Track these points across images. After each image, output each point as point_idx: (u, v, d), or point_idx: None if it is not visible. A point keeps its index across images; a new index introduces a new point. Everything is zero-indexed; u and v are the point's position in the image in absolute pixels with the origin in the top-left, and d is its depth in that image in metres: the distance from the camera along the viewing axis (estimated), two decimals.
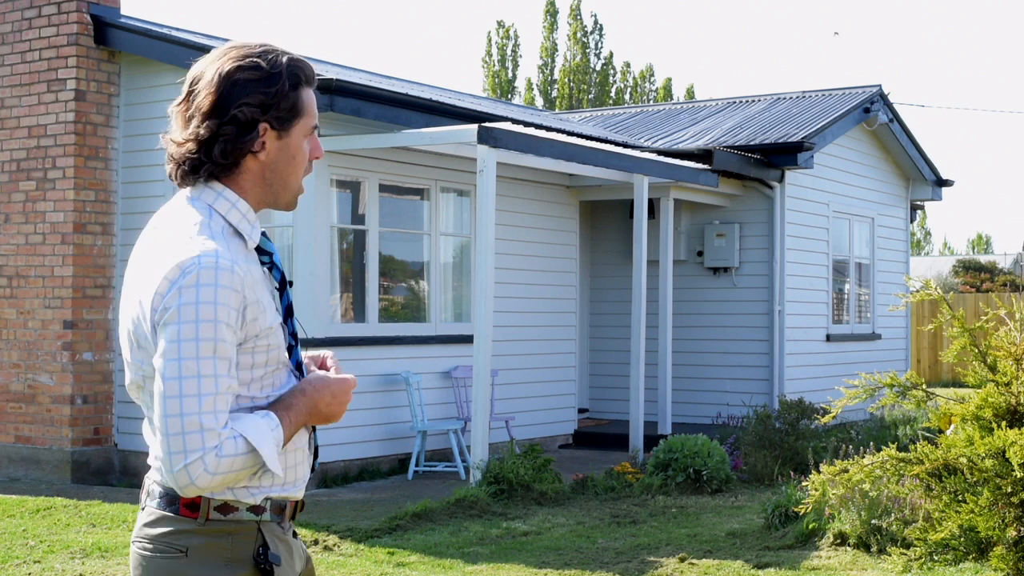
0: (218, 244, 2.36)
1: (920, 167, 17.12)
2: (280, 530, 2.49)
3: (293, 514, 2.56)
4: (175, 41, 11.17)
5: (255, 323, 2.37)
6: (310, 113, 2.51)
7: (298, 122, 2.49)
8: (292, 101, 2.47)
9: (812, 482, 4.95)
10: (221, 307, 2.30)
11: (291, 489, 2.50)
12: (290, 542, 2.54)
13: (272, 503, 2.46)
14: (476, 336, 10.36)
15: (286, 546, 2.50)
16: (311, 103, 2.52)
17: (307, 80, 2.52)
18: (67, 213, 11.10)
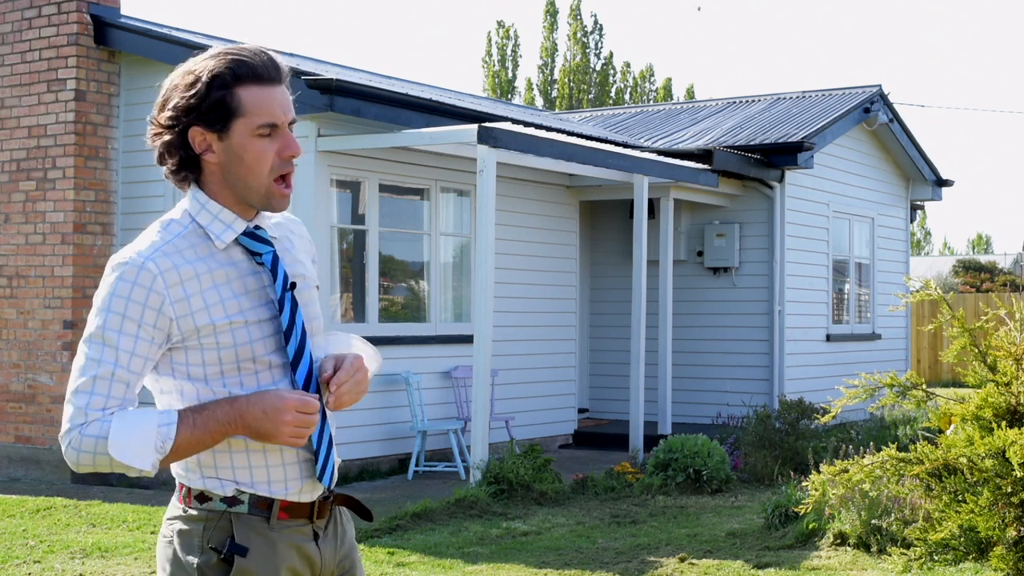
0: (155, 245, 2.48)
1: (920, 167, 17.12)
2: (264, 525, 2.52)
3: (310, 516, 2.59)
4: (175, 41, 11.17)
5: (185, 320, 2.45)
6: (253, 112, 2.49)
7: (236, 122, 2.49)
8: (215, 101, 2.48)
9: (812, 482, 4.95)
10: (120, 300, 2.43)
11: (267, 489, 2.53)
12: (284, 539, 2.55)
13: (252, 498, 2.52)
14: (476, 336, 10.36)
15: (267, 541, 2.52)
16: (257, 101, 2.49)
17: (247, 78, 2.49)
18: (67, 213, 11.11)
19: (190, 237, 2.52)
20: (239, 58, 2.50)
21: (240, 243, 2.56)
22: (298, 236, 2.72)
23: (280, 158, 2.53)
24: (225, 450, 2.52)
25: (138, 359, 2.45)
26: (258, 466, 2.53)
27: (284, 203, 2.57)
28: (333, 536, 2.68)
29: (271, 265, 2.56)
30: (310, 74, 10.42)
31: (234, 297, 2.51)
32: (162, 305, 2.44)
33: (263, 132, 2.50)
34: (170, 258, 2.47)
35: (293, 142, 2.54)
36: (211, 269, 2.50)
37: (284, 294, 2.55)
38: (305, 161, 10.65)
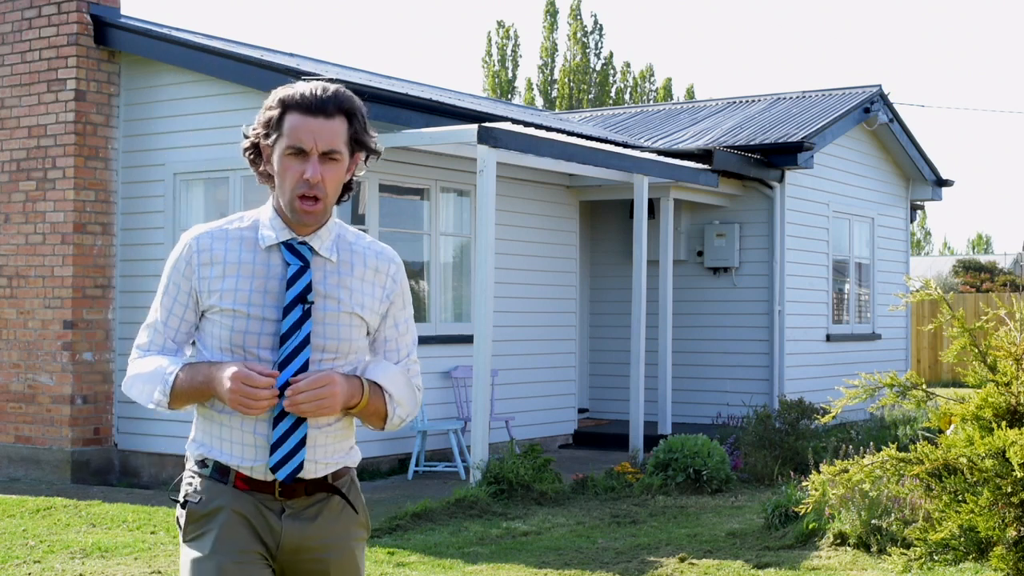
0: (213, 228, 2.96)
1: (920, 167, 17.12)
2: (223, 487, 2.91)
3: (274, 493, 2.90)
4: (175, 41, 11.17)
5: (204, 295, 2.91)
6: (288, 135, 2.86)
7: (279, 140, 2.89)
8: (268, 119, 2.91)
9: (812, 482, 4.95)
10: (168, 267, 2.97)
11: (228, 458, 2.90)
12: (242, 498, 2.89)
13: (215, 464, 2.93)
14: (476, 336, 10.36)
15: (223, 495, 2.90)
16: (293, 127, 2.86)
17: (294, 106, 2.87)
18: (67, 213, 11.11)
19: (246, 231, 2.96)
20: (297, 89, 2.88)
21: (280, 251, 2.92)
22: (373, 270, 3.02)
23: (302, 180, 2.86)
24: (207, 417, 2.94)
25: (174, 317, 2.96)
26: (223, 438, 2.92)
27: (307, 217, 2.89)
28: (312, 520, 2.95)
29: (291, 276, 2.89)
30: (310, 74, 10.42)
31: (250, 291, 2.88)
32: (192, 276, 2.92)
33: (291, 152, 2.86)
34: (215, 241, 2.93)
35: (312, 168, 2.85)
36: (243, 262, 2.90)
37: (294, 304, 2.87)
38: None
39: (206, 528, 2.91)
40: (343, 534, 3.01)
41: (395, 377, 3.03)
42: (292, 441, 2.87)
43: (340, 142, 2.87)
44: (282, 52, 13.44)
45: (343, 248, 2.99)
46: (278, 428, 2.87)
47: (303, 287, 2.88)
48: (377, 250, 3.05)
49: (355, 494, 3.08)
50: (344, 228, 3.05)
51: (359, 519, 3.08)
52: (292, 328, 2.86)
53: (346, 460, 3.04)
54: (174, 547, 7.92)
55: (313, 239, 2.93)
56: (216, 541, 2.88)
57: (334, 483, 3.00)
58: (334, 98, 2.86)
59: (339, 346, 2.92)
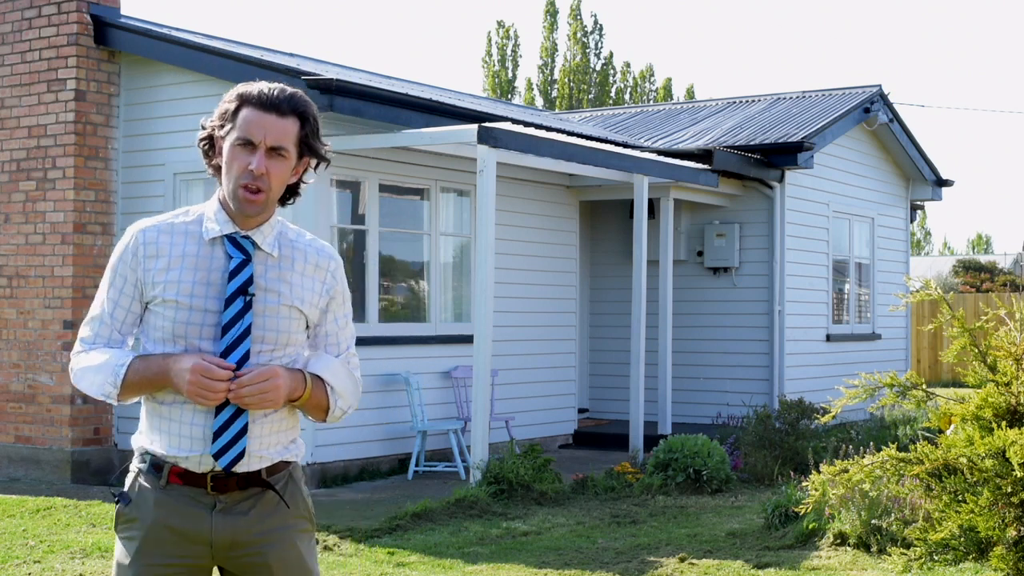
0: (159, 221, 3.05)
1: (920, 167, 17.12)
2: (156, 484, 2.99)
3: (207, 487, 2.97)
4: (175, 41, 11.17)
5: (148, 286, 2.99)
6: (240, 127, 2.97)
7: (231, 132, 2.99)
8: (224, 111, 3.01)
9: (812, 482, 4.95)
10: (114, 258, 3.05)
11: (166, 449, 2.97)
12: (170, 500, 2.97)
13: (152, 459, 3.02)
14: (476, 336, 10.36)
15: (152, 497, 2.98)
16: (246, 120, 2.97)
17: (249, 102, 2.98)
18: (67, 213, 11.11)
19: (191, 225, 3.04)
20: (256, 86, 3.00)
21: (223, 244, 3.00)
22: (313, 265, 3.10)
23: (246, 170, 2.95)
24: (150, 412, 3.02)
25: (120, 309, 3.03)
26: (162, 430, 3.00)
27: (248, 207, 2.98)
28: (245, 514, 3.01)
29: (232, 268, 2.98)
30: (310, 74, 10.42)
31: (193, 283, 2.97)
32: (137, 267, 3.00)
33: (240, 143, 2.96)
34: (160, 234, 3.02)
35: (258, 160, 2.95)
36: (186, 254, 2.99)
37: (235, 296, 2.96)
38: None
39: (133, 533, 3.01)
40: (280, 526, 3.05)
41: (337, 370, 3.11)
42: (233, 429, 2.95)
43: (289, 141, 2.98)
44: (282, 52, 13.44)
45: (284, 244, 3.08)
46: (219, 417, 2.94)
47: (245, 279, 2.97)
48: (317, 247, 3.14)
49: (293, 489, 3.10)
50: (286, 226, 3.13)
51: (300, 510, 3.12)
52: (233, 319, 2.95)
53: (287, 454, 3.09)
54: None
55: (256, 234, 3.02)
56: (138, 553, 2.98)
57: (270, 478, 3.04)
58: (289, 99, 2.98)
59: (278, 338, 3.01)
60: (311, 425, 10.56)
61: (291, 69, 10.59)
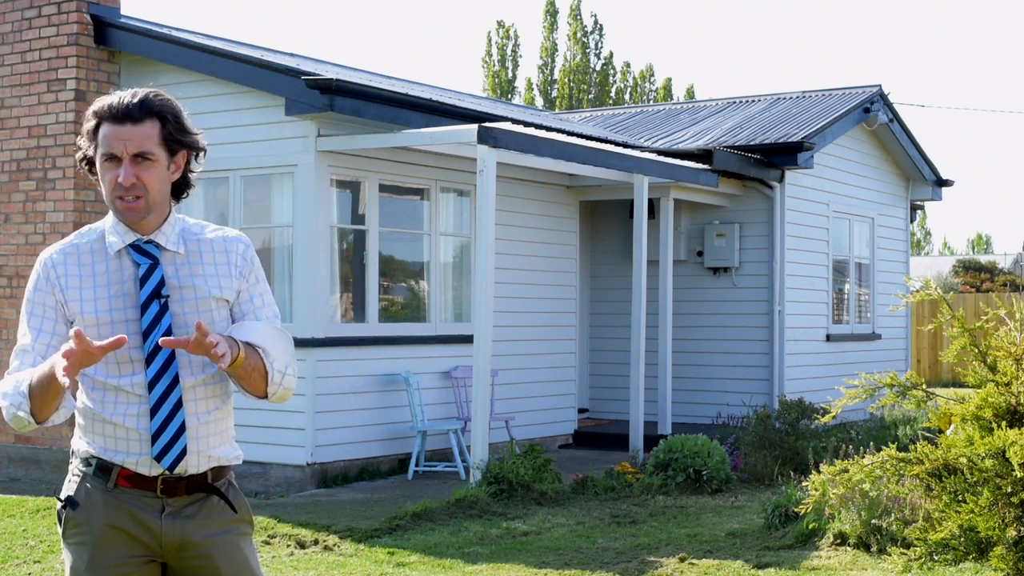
0: (63, 244, 3.07)
1: (920, 167, 17.12)
2: (103, 487, 3.01)
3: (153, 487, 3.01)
4: (175, 41, 11.17)
5: (68, 306, 3.01)
6: (102, 144, 3.01)
7: (98, 151, 3.03)
8: (87, 132, 3.05)
9: (812, 482, 4.95)
10: (30, 288, 3.07)
11: (112, 454, 3.00)
12: (119, 503, 2.99)
13: (98, 462, 3.03)
14: (476, 336, 10.36)
15: (100, 500, 3.00)
16: (105, 136, 3.00)
17: (105, 117, 3.02)
18: (67, 213, 11.11)
19: (94, 243, 3.08)
20: (108, 100, 3.03)
21: (128, 253, 3.04)
22: (222, 252, 3.12)
23: (116, 183, 3.00)
24: (89, 418, 3.05)
25: (44, 334, 3.03)
26: (106, 435, 3.03)
27: (129, 215, 3.02)
28: (192, 518, 3.05)
29: (142, 275, 3.02)
30: (310, 74, 10.42)
31: (109, 298, 3.01)
32: (53, 290, 3.03)
33: (106, 159, 3.01)
34: (67, 256, 3.06)
35: (124, 172, 2.98)
36: (96, 272, 3.03)
37: (149, 300, 2.99)
38: (305, 161, 10.65)
39: (82, 538, 3.03)
40: (223, 529, 3.10)
41: (261, 331, 3.09)
42: (172, 427, 2.99)
43: (152, 144, 3.00)
44: (282, 52, 13.44)
45: (190, 239, 3.11)
46: (155, 419, 2.98)
47: (156, 283, 3.01)
48: (224, 235, 3.17)
49: (234, 494, 3.17)
50: (187, 221, 3.16)
51: (241, 515, 3.16)
52: (152, 323, 2.99)
53: (230, 455, 3.15)
54: None
55: (158, 236, 3.06)
56: (92, 558, 3.00)
57: (214, 483, 3.10)
58: (141, 104, 3.00)
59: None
60: (311, 425, 10.56)
61: (291, 69, 10.59)
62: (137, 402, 3.01)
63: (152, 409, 2.99)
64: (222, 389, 3.13)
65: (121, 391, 3.01)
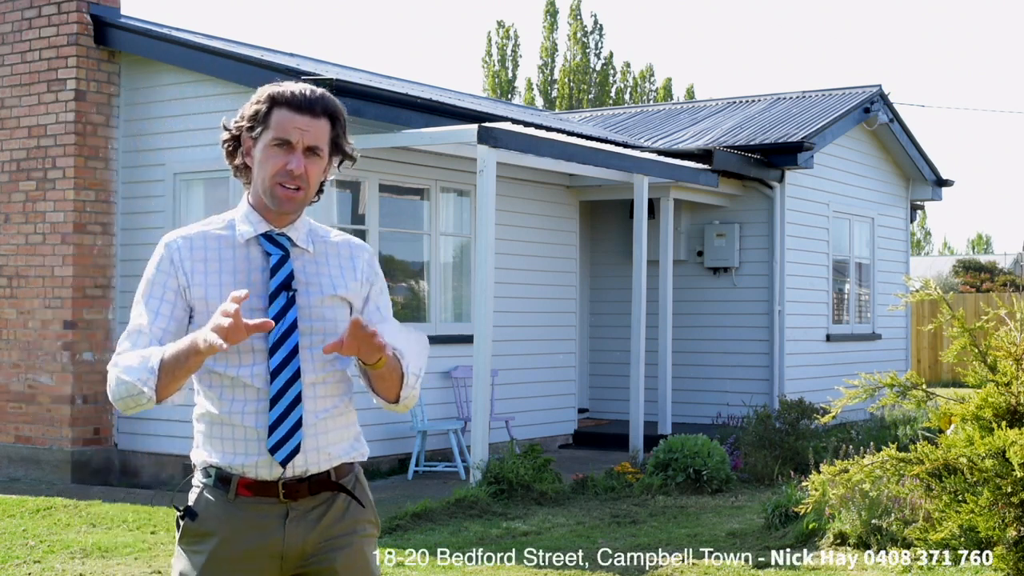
0: (189, 230, 3.03)
1: (920, 167, 17.12)
2: (224, 498, 2.94)
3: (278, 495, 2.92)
4: (175, 41, 11.17)
5: (189, 290, 2.96)
6: (275, 127, 2.97)
7: (265, 133, 2.99)
8: (255, 113, 3.01)
9: (812, 482, 4.95)
10: (150, 269, 3.01)
11: (231, 459, 2.93)
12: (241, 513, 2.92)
13: (217, 472, 2.96)
14: (476, 336, 10.36)
15: (222, 511, 2.93)
16: (280, 121, 2.97)
17: (282, 103, 2.99)
18: (67, 213, 11.11)
19: (222, 230, 3.03)
20: (286, 87, 3.00)
21: (259, 243, 3.00)
22: (348, 258, 3.11)
23: (284, 170, 2.96)
24: (207, 422, 2.97)
25: (162, 317, 2.95)
26: (223, 437, 2.95)
27: (286, 204, 2.98)
28: (317, 521, 2.97)
29: (273, 264, 2.97)
30: (310, 74, 10.42)
31: (234, 284, 2.95)
32: (176, 272, 2.96)
33: (276, 143, 2.97)
34: (194, 241, 3.00)
35: (296, 160, 2.96)
36: (223, 259, 2.98)
37: (278, 291, 2.95)
38: None
39: (200, 547, 2.96)
40: (348, 531, 3.02)
41: (402, 334, 3.07)
42: (288, 422, 2.92)
43: (324, 141, 3.00)
44: (282, 52, 13.44)
45: (317, 240, 3.10)
46: (273, 411, 2.92)
47: (286, 275, 2.97)
48: (349, 241, 3.16)
49: (361, 491, 3.10)
50: (313, 223, 3.16)
51: (367, 515, 3.09)
52: (278, 315, 2.93)
53: (352, 453, 3.10)
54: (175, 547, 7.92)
55: (290, 230, 3.04)
56: (205, 568, 2.94)
57: (338, 481, 3.03)
58: (321, 99, 3.00)
59: (325, 327, 2.99)
60: None
61: (291, 69, 10.59)
62: (255, 398, 2.93)
63: (271, 400, 2.92)
64: (342, 387, 3.10)
65: (239, 386, 2.93)
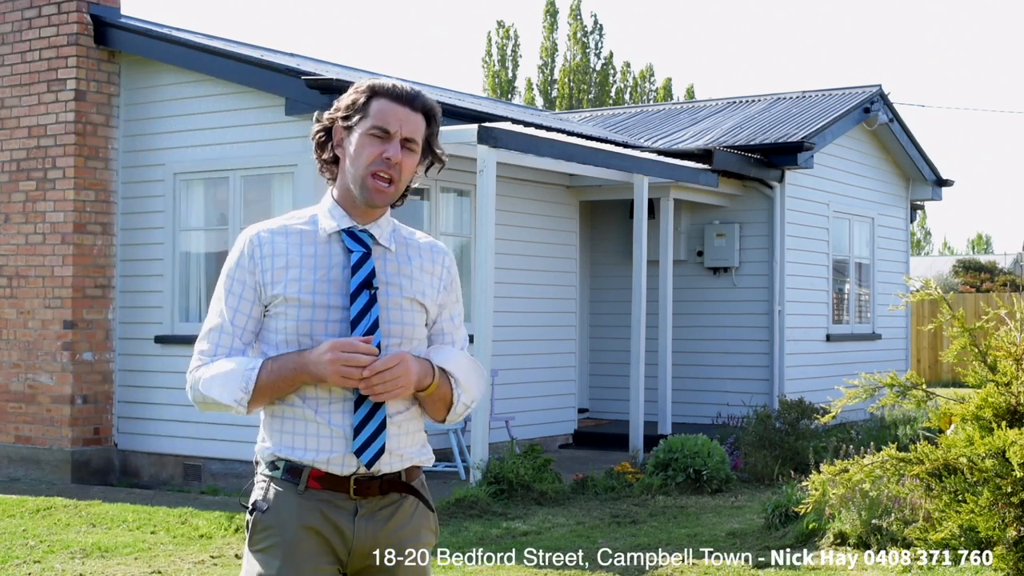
0: (271, 224, 3.02)
1: (920, 167, 17.12)
2: (294, 490, 2.90)
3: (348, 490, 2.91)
4: (175, 41, 11.17)
5: (268, 287, 2.92)
6: (373, 116, 2.95)
7: (361, 121, 2.96)
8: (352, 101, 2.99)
9: (812, 482, 4.95)
10: (230, 265, 2.98)
11: (302, 454, 2.89)
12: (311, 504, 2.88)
13: (286, 464, 2.91)
14: (476, 336, 10.36)
15: (292, 502, 2.89)
16: (379, 110, 2.95)
17: (382, 94, 2.97)
18: (67, 213, 11.11)
19: (304, 225, 3.00)
20: (385, 81, 3.00)
21: (341, 239, 2.96)
22: (429, 261, 3.07)
23: (382, 158, 2.92)
24: (277, 415, 2.93)
25: (241, 315, 2.95)
26: (296, 433, 2.91)
27: (377, 196, 2.95)
28: (386, 521, 2.97)
29: (355, 262, 2.94)
30: (310, 74, 10.42)
31: (315, 280, 2.92)
32: (255, 269, 2.94)
33: (375, 133, 2.93)
34: (275, 235, 2.97)
35: (394, 148, 2.93)
36: (304, 254, 2.94)
37: (360, 289, 2.91)
38: (305, 161, 10.64)
39: (273, 542, 2.90)
40: (413, 537, 3.03)
41: (460, 361, 3.05)
42: (373, 424, 2.90)
43: (420, 135, 2.97)
44: (282, 52, 13.44)
45: (399, 240, 3.05)
46: (359, 412, 2.89)
47: (368, 273, 2.94)
48: (431, 243, 3.13)
49: (427, 494, 3.12)
50: (398, 223, 3.12)
51: (430, 523, 3.10)
52: (360, 313, 2.90)
53: (420, 457, 3.09)
54: (174, 547, 7.92)
55: (373, 227, 3.00)
56: (283, 563, 2.88)
57: (408, 483, 3.03)
58: (420, 96, 2.99)
59: (403, 331, 2.97)
60: None
61: (291, 69, 10.58)
62: (328, 396, 2.90)
63: (356, 402, 2.90)
64: None
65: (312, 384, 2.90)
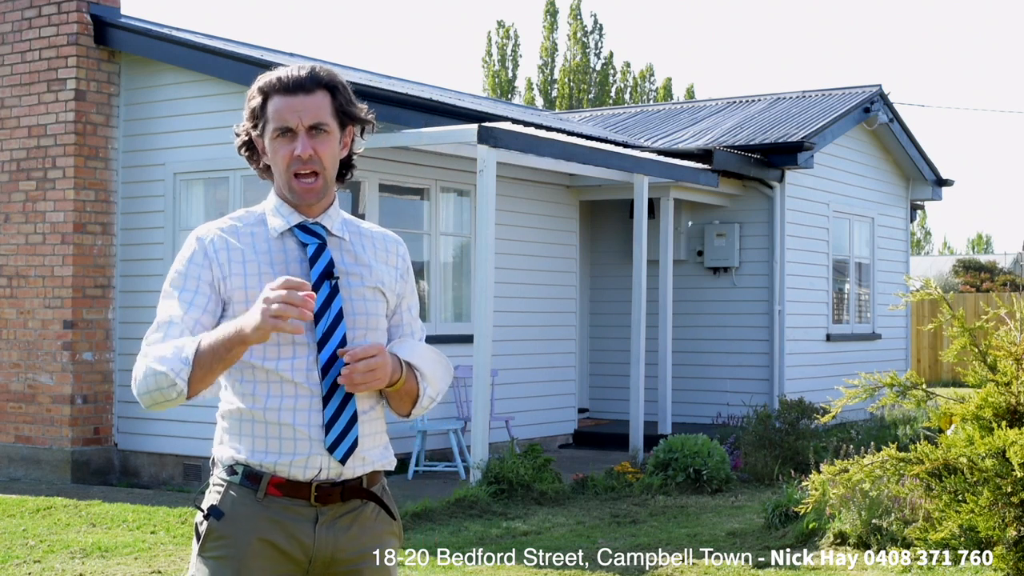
0: (221, 223, 2.94)
1: (920, 167, 17.13)
2: (252, 497, 2.80)
3: (309, 497, 2.81)
4: (175, 41, 11.17)
5: (225, 281, 2.85)
6: (273, 118, 2.87)
7: (267, 127, 2.89)
8: (252, 110, 2.92)
9: (812, 482, 4.95)
10: (182, 260, 2.89)
11: (263, 457, 2.80)
12: (269, 513, 2.79)
13: (245, 470, 2.82)
14: (476, 336, 10.36)
15: (249, 511, 2.79)
16: (276, 109, 2.87)
17: (274, 90, 2.89)
18: (67, 213, 11.11)
19: (254, 224, 2.93)
20: (274, 74, 2.91)
21: (294, 234, 2.90)
22: (383, 250, 3.02)
23: (294, 157, 2.86)
24: (235, 419, 2.84)
25: (195, 309, 2.83)
26: (256, 435, 2.82)
27: (307, 195, 2.89)
28: (347, 529, 2.86)
29: (311, 254, 2.87)
30: None
31: (274, 275, 2.82)
32: (211, 265, 2.85)
33: (279, 134, 2.87)
34: (227, 234, 2.91)
35: (302, 144, 2.85)
36: (259, 250, 2.88)
37: (320, 281, 2.84)
38: None
39: (226, 552, 2.80)
40: (376, 543, 2.92)
41: (424, 354, 2.97)
42: (344, 418, 2.82)
43: (326, 115, 2.88)
44: (282, 52, 13.44)
45: (352, 230, 2.99)
46: (328, 407, 2.81)
47: (326, 263, 2.87)
48: (384, 233, 3.08)
49: (388, 500, 2.99)
50: (348, 216, 3.05)
51: (392, 527, 2.98)
52: (324, 304, 2.82)
53: (382, 460, 2.96)
54: (174, 547, 7.92)
55: (324, 219, 2.93)
56: (237, 573, 2.79)
57: (369, 488, 2.93)
58: (312, 74, 2.88)
59: (368, 321, 2.91)
60: None
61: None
62: (293, 393, 2.80)
63: (325, 397, 2.80)
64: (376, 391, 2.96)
65: (274, 380, 2.80)
